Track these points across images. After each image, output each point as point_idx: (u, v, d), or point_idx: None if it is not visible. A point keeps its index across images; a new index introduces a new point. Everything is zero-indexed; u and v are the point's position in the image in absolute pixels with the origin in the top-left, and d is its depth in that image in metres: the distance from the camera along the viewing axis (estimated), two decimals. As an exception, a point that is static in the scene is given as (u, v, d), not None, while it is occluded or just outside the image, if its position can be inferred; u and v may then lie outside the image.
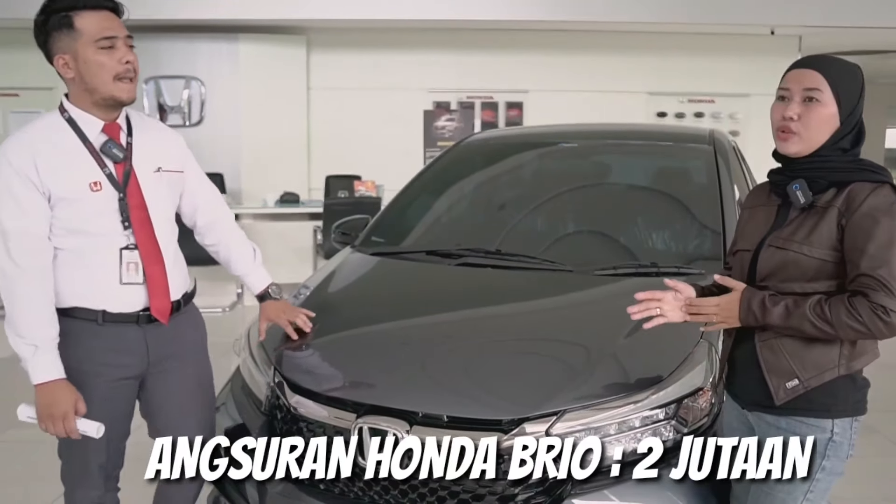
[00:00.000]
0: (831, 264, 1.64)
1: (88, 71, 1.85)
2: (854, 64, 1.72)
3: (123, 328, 1.95)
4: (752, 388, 1.75)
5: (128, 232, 1.93)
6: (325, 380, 2.13)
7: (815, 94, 1.66)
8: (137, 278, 1.94)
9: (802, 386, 1.66)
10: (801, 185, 1.68)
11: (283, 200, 7.53)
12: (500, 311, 2.41)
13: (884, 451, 3.79)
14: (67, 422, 1.84)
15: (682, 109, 8.76)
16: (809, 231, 1.66)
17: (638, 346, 2.10)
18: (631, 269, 2.52)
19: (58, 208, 1.86)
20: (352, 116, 8.43)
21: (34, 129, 1.91)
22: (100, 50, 1.84)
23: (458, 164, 3.43)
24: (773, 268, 1.70)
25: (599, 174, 3.30)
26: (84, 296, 1.92)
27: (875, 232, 1.58)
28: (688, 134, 3.56)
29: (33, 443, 3.75)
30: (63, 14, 1.83)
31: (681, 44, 8.46)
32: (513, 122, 8.70)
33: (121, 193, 1.92)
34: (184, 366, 2.11)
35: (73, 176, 1.87)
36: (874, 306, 1.55)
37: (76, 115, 1.91)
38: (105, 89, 1.86)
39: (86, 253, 1.91)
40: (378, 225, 3.17)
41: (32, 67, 9.30)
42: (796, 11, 7.91)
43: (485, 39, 8.42)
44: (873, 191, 1.61)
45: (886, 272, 1.55)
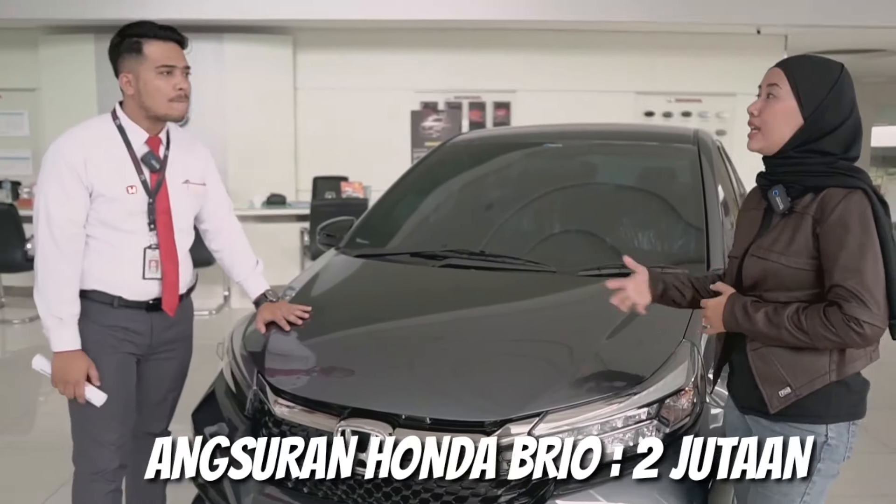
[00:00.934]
0: (811, 273, 1.63)
1: (146, 92, 2.12)
2: (833, 63, 1.70)
3: (133, 312, 2.20)
4: (747, 393, 1.75)
5: (152, 233, 2.19)
6: (307, 383, 2.14)
7: (773, 90, 1.67)
8: (157, 275, 2.21)
9: (794, 394, 1.65)
10: (780, 191, 1.67)
11: (269, 202, 7.51)
12: (483, 312, 2.41)
13: (872, 449, 3.80)
14: (78, 387, 2.11)
15: (670, 109, 8.78)
16: (788, 241, 1.64)
17: (620, 347, 2.11)
18: (614, 269, 2.51)
19: (96, 203, 2.12)
20: (339, 117, 8.41)
21: (89, 130, 2.18)
22: (159, 75, 2.11)
23: (443, 166, 3.43)
24: (756, 278, 1.70)
25: (584, 175, 3.30)
26: (107, 281, 2.16)
27: (846, 240, 1.56)
28: (672, 134, 3.57)
29: (19, 449, 3.75)
30: (135, 39, 2.12)
31: (668, 43, 8.48)
32: (500, 122, 8.70)
33: (151, 199, 2.18)
34: (175, 354, 2.35)
35: (114, 177, 2.13)
36: (847, 318, 1.54)
37: (126, 125, 2.17)
38: (159, 109, 2.14)
39: (115, 245, 2.16)
40: (363, 226, 3.16)
41: (15, 69, 9.27)
42: (782, 11, 7.96)
43: (472, 39, 8.42)
44: (845, 196, 1.59)
45: (858, 282, 1.54)
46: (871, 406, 1.58)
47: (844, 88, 1.66)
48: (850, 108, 1.66)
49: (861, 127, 1.69)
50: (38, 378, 4.43)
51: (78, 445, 2.23)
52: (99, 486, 2.21)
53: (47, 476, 3.24)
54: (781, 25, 8.20)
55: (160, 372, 2.32)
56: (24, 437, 3.93)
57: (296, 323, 2.36)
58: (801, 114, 1.65)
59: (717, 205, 2.78)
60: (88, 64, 7.73)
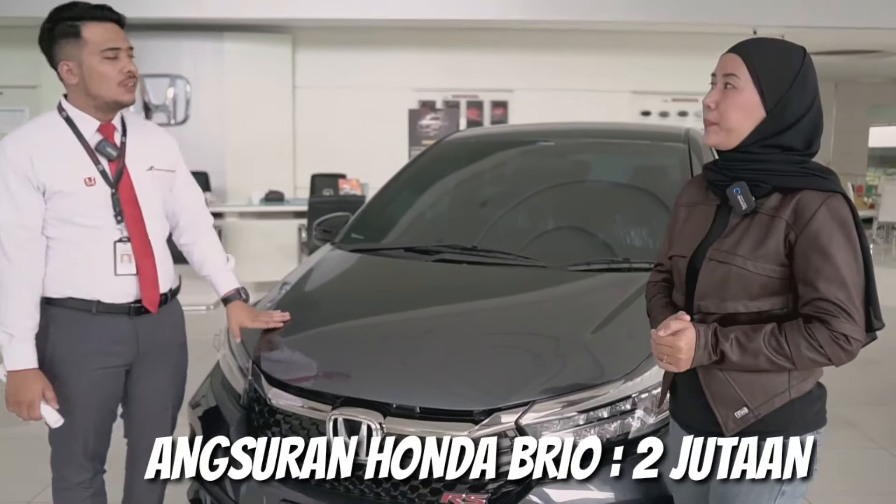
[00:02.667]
0: (776, 280, 1.48)
1: (92, 79, 1.96)
2: (795, 48, 1.53)
3: (116, 319, 2.05)
4: (698, 415, 1.59)
5: (121, 226, 2.03)
6: (301, 373, 2.18)
7: (731, 80, 1.50)
8: (131, 269, 2.04)
9: (753, 415, 1.51)
10: (743, 189, 1.50)
11: (267, 199, 7.56)
12: (474, 306, 2.46)
13: (862, 446, 3.86)
14: (32, 409, 1.96)
15: (666, 108, 8.84)
16: (755, 244, 1.49)
17: (607, 339, 2.15)
18: (604, 264, 2.57)
19: (52, 201, 1.96)
20: (337, 115, 8.46)
21: (32, 126, 2.03)
22: (104, 60, 1.95)
23: (438, 163, 3.47)
24: (716, 284, 1.52)
25: (576, 172, 3.34)
26: (79, 286, 2.01)
27: (831, 251, 1.43)
28: (663, 132, 3.60)
29: (10, 440, 3.77)
30: (70, 23, 1.95)
31: (664, 43, 8.53)
32: (498, 120, 8.75)
33: (113, 189, 2.02)
34: (167, 360, 2.21)
35: (68, 171, 1.97)
36: (835, 335, 1.41)
37: (74, 115, 2.02)
38: (108, 95, 1.98)
39: (81, 244, 2.00)
40: (358, 222, 3.21)
41: (16, 65, 9.30)
42: (779, 11, 8.01)
43: (470, 38, 8.47)
44: (825, 202, 1.45)
45: (845, 296, 1.42)
46: (861, 403, 1.56)
47: (808, 77, 1.50)
48: (813, 97, 1.50)
49: (822, 118, 1.53)
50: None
51: (53, 455, 2.13)
52: (74, 493, 2.14)
53: (45, 467, 3.27)
54: (778, 26, 8.23)
55: (154, 381, 2.18)
56: (18, 429, 3.95)
57: (276, 328, 2.31)
58: (762, 106, 1.49)
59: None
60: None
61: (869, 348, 1.56)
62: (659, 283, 1.80)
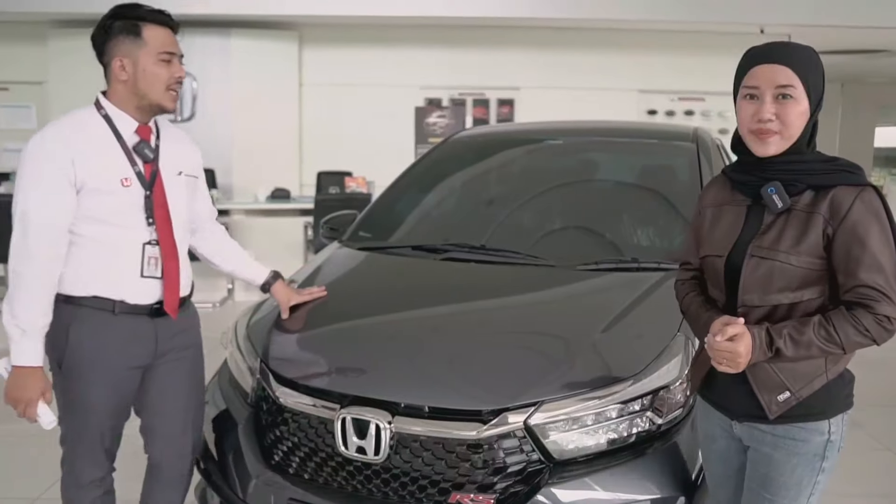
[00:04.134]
0: (816, 273, 1.58)
1: (145, 79, 2.00)
2: (811, 48, 1.63)
3: (136, 320, 2.06)
4: (740, 400, 1.68)
5: (151, 228, 2.05)
6: (309, 371, 2.17)
7: (790, 91, 1.56)
8: (156, 272, 2.06)
9: (794, 398, 1.61)
10: (778, 189, 1.59)
11: (273, 196, 7.56)
12: (482, 305, 2.45)
13: (867, 447, 3.85)
14: (30, 407, 1.95)
15: (673, 107, 8.82)
16: (796, 239, 1.58)
17: (616, 339, 2.14)
18: (612, 264, 2.57)
19: (87, 199, 1.96)
20: (344, 112, 8.46)
21: (71, 122, 2.01)
22: (159, 62, 2.00)
23: (446, 161, 3.47)
24: (760, 280, 1.61)
25: (584, 171, 3.34)
26: (104, 285, 2.01)
27: (868, 240, 1.53)
28: (671, 132, 3.59)
29: (18, 436, 3.78)
30: (133, 22, 1.99)
31: (671, 42, 8.51)
32: (504, 118, 8.74)
33: (147, 191, 2.04)
34: (183, 361, 2.21)
35: (106, 170, 1.99)
36: (878, 318, 1.51)
37: (113, 114, 2.03)
38: (155, 97, 2.02)
39: (110, 244, 2.01)
40: (365, 220, 3.21)
41: (23, 62, 9.31)
42: (786, 10, 7.98)
43: (477, 36, 8.46)
44: (858, 195, 1.55)
45: (884, 281, 1.52)
46: (867, 404, 1.58)
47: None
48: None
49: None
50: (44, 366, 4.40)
51: (65, 454, 2.14)
52: (85, 493, 2.14)
53: (53, 463, 3.27)
54: (785, 25, 8.21)
55: (170, 383, 2.18)
56: (26, 426, 3.96)
57: (320, 297, 2.43)
58: (810, 111, 1.59)
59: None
60: (95, 57, 7.77)
61: (875, 349, 1.64)
62: (689, 282, 1.86)
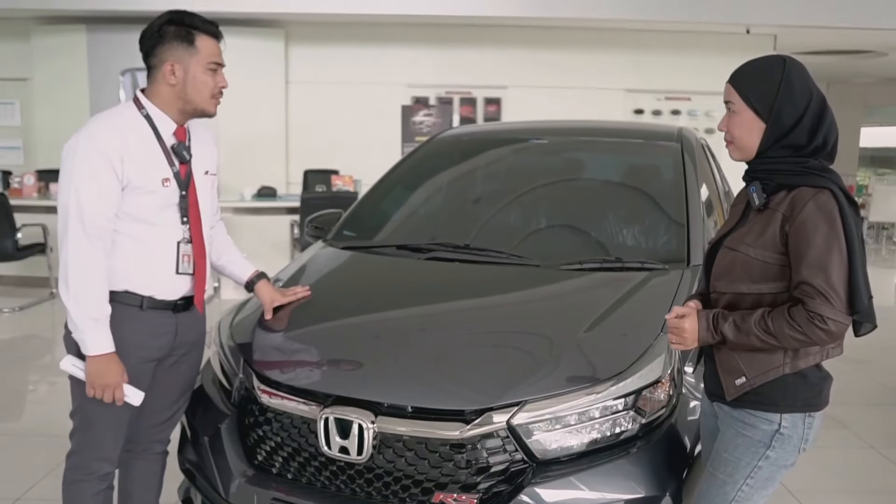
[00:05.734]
0: (776, 267, 1.69)
1: (194, 85, 2.07)
2: (774, 59, 1.74)
3: (160, 315, 2.13)
4: (711, 380, 1.86)
5: (185, 227, 2.13)
6: (292, 371, 2.17)
7: (730, 106, 1.76)
8: (189, 269, 2.15)
9: (748, 384, 1.73)
10: (757, 188, 1.73)
11: (260, 194, 7.53)
12: (466, 304, 2.45)
13: (851, 445, 3.89)
14: (118, 390, 2.03)
15: (659, 107, 8.86)
16: (758, 234, 1.71)
17: (599, 339, 2.15)
18: (596, 264, 2.57)
19: (130, 196, 2.03)
20: (330, 111, 8.45)
21: (117, 118, 2.08)
22: (208, 71, 2.08)
23: (431, 160, 3.47)
24: (724, 268, 1.77)
25: (569, 171, 3.34)
26: (138, 281, 2.08)
27: (814, 239, 1.61)
28: (656, 131, 3.60)
29: (8, 436, 3.75)
30: (188, 30, 2.06)
31: (658, 42, 8.55)
32: (491, 117, 8.75)
33: (183, 191, 2.12)
34: (189, 357, 2.29)
35: (149, 169, 2.06)
36: (811, 315, 1.60)
37: (154, 114, 2.09)
38: (201, 104, 2.10)
39: (147, 241, 2.08)
40: (350, 219, 3.20)
41: (7, 59, 9.23)
42: (771, 11, 8.04)
43: (464, 35, 8.46)
44: (814, 196, 1.64)
45: (823, 280, 1.60)
46: (852, 403, 1.62)
47: (793, 82, 1.70)
48: (808, 97, 1.69)
49: (825, 109, 1.71)
50: (27, 366, 4.46)
51: (74, 446, 2.17)
52: (89, 485, 2.17)
53: (35, 463, 3.26)
54: (771, 25, 8.28)
55: (175, 375, 2.25)
56: (13, 424, 3.95)
57: (304, 297, 2.43)
58: (760, 119, 1.71)
59: (699, 202, 2.83)
60: (80, 54, 7.72)
61: (860, 348, 1.67)
62: None
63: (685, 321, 1.76)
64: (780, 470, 1.77)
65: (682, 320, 1.76)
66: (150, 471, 2.36)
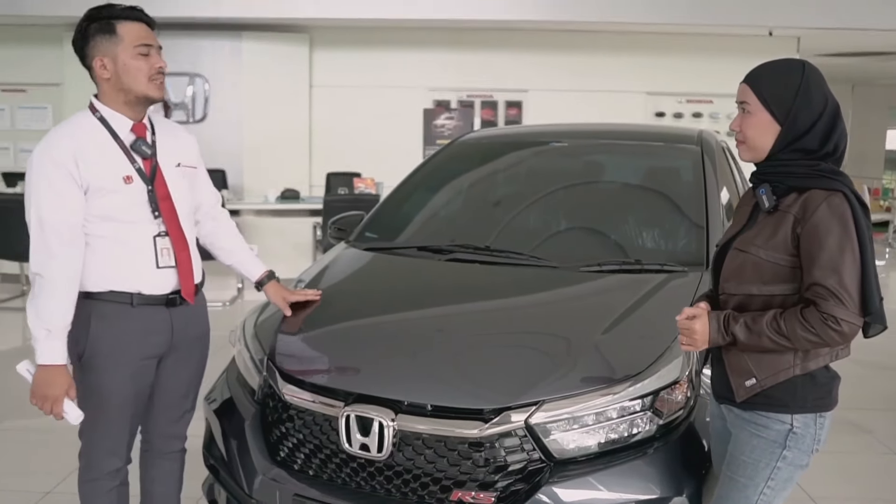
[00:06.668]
0: (787, 269, 1.70)
1: (126, 73, 2.06)
2: (794, 63, 1.76)
3: (153, 310, 2.14)
4: (720, 382, 1.86)
5: (158, 221, 2.12)
6: (315, 369, 2.21)
7: (745, 106, 1.76)
8: (171, 262, 2.15)
9: (759, 385, 1.74)
10: (766, 190, 1.74)
11: (283, 197, 7.61)
12: (485, 305, 2.48)
13: (874, 451, 3.83)
14: (56, 404, 2.01)
15: (681, 110, 8.82)
16: (768, 235, 1.72)
17: (617, 340, 2.17)
18: (615, 265, 2.59)
19: (94, 199, 2.04)
20: (353, 114, 8.51)
21: (69, 127, 2.09)
22: (137, 55, 2.06)
23: (452, 163, 3.50)
24: (734, 270, 1.78)
25: (588, 173, 3.36)
26: (121, 279, 2.09)
27: (827, 241, 1.62)
28: (676, 134, 3.60)
29: (32, 431, 3.84)
30: (106, 21, 2.05)
31: (680, 44, 8.52)
32: (512, 120, 8.77)
33: (149, 186, 2.11)
34: (193, 353, 2.31)
35: (108, 169, 2.06)
36: (824, 316, 1.61)
37: (107, 115, 2.10)
38: (139, 89, 2.07)
39: (123, 239, 2.09)
40: (372, 221, 3.24)
41: (40, 64, 9.39)
42: (794, 13, 7.97)
43: (485, 39, 8.49)
44: (826, 198, 1.65)
45: (836, 281, 1.61)
46: (876, 408, 1.61)
47: (811, 87, 1.71)
48: (823, 102, 1.71)
49: (838, 116, 1.72)
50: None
51: (83, 446, 2.21)
52: (102, 483, 2.21)
53: (65, 458, 3.31)
54: (794, 28, 8.21)
55: (180, 371, 2.28)
56: (41, 423, 4.02)
57: (314, 300, 2.46)
58: (776, 121, 1.72)
59: (719, 205, 2.83)
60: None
61: (883, 353, 1.66)
62: None
63: (696, 322, 1.76)
64: (796, 470, 1.78)
65: (693, 321, 1.76)
66: (169, 470, 2.39)
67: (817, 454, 1.80)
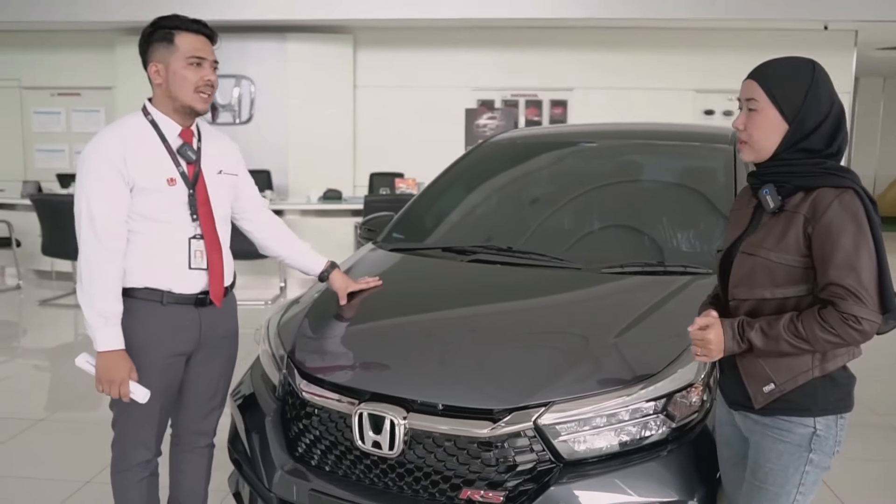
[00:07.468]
0: (800, 270, 1.67)
1: (175, 81, 2.16)
2: (802, 61, 1.71)
3: (182, 309, 2.22)
4: (734, 389, 1.81)
5: (195, 224, 2.22)
6: (331, 367, 2.25)
7: (752, 104, 1.71)
8: (202, 264, 2.23)
9: (778, 390, 1.70)
10: (770, 190, 1.70)
11: (326, 197, 7.72)
12: (503, 307, 2.48)
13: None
14: (123, 386, 2.12)
15: (730, 107, 8.64)
16: (778, 237, 1.68)
17: (633, 342, 2.15)
18: (637, 267, 2.56)
19: (138, 197, 2.14)
20: (396, 114, 8.58)
21: (121, 126, 2.20)
22: (188, 66, 2.15)
23: (480, 164, 3.51)
24: (744, 275, 1.74)
25: (617, 174, 3.31)
26: (156, 277, 2.18)
27: (841, 240, 1.59)
28: (709, 134, 3.53)
29: (81, 423, 4.00)
30: (167, 30, 2.16)
31: (729, 40, 8.34)
32: (557, 119, 8.72)
33: (191, 190, 2.21)
34: (221, 351, 2.38)
35: (154, 170, 2.16)
36: (844, 316, 1.57)
37: (158, 119, 2.21)
38: (184, 98, 2.17)
39: (160, 238, 2.18)
40: (400, 222, 3.27)
41: (93, 68, 9.73)
42: (851, 6, 7.74)
43: (529, 37, 8.46)
44: (837, 196, 1.61)
45: (854, 280, 1.57)
46: None
47: (820, 85, 1.68)
48: (830, 102, 1.68)
49: (843, 117, 1.69)
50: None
51: (115, 437, 2.31)
52: (132, 474, 2.31)
53: (105, 449, 3.44)
54: (849, 21, 7.96)
55: (208, 369, 2.35)
56: (87, 413, 4.18)
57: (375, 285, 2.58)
58: (784, 120, 1.68)
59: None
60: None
61: None
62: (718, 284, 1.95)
63: (709, 332, 1.71)
64: (821, 473, 1.75)
65: (707, 331, 1.71)
66: (197, 464, 2.48)
67: (853, 462, 1.75)
